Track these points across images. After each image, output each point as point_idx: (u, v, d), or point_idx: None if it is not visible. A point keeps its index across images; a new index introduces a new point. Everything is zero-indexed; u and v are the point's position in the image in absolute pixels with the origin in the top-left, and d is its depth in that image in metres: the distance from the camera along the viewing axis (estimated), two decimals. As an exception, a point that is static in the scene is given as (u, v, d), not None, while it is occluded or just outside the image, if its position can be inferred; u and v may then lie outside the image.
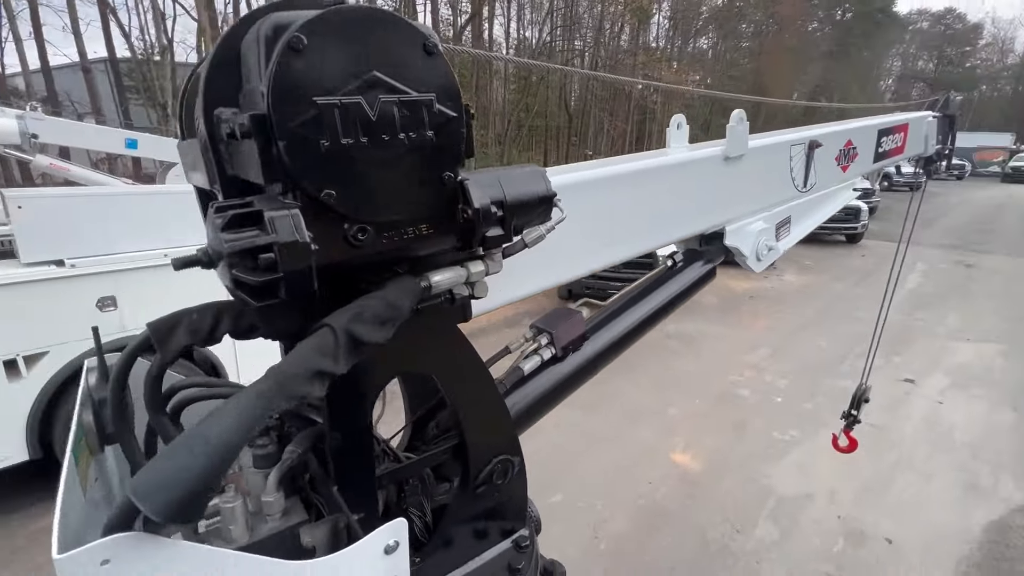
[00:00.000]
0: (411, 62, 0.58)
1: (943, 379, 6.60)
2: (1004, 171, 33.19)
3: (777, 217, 1.70)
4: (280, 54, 0.51)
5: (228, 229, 0.50)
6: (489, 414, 0.90)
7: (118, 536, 0.42)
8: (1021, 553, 3.77)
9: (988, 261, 12.90)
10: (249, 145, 0.53)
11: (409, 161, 0.59)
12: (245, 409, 0.50)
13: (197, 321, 0.66)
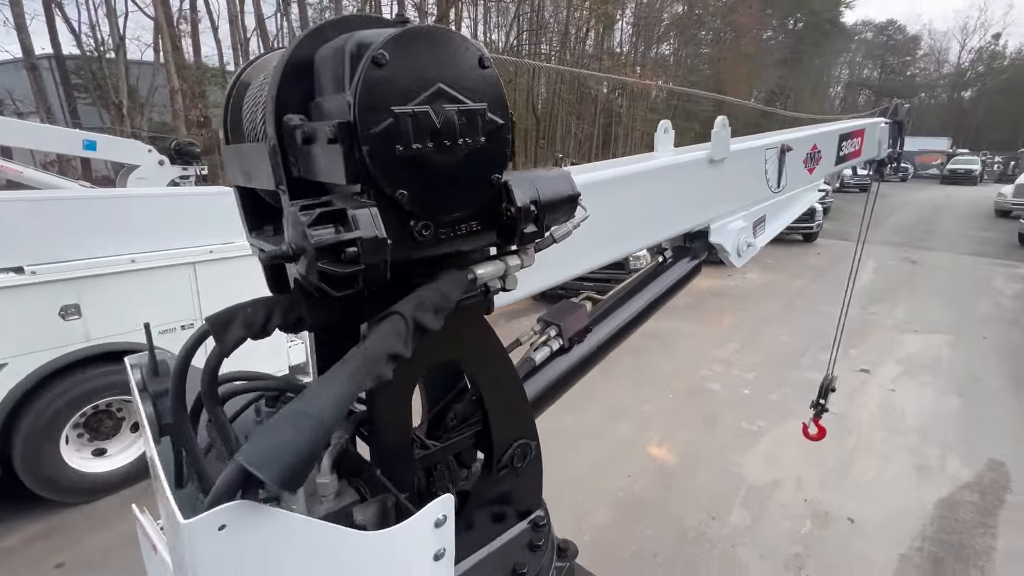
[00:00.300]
0: (468, 75, 0.64)
1: (895, 368, 7.03)
2: (942, 173, 35.44)
3: (754, 216, 1.83)
4: (366, 68, 0.56)
5: (314, 226, 0.54)
6: (511, 400, 0.96)
7: (231, 504, 0.46)
8: (968, 526, 4.08)
9: (931, 258, 13.77)
10: (333, 149, 0.57)
11: (466, 164, 0.65)
12: (341, 387, 0.55)
13: (251, 315, 0.69)
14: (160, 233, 4.33)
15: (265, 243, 0.83)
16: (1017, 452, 5.08)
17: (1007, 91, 56.30)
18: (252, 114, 0.77)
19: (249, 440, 0.50)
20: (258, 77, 0.80)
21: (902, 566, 3.67)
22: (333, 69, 0.62)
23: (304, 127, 0.61)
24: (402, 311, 0.63)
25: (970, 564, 3.69)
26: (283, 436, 0.49)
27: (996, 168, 37.72)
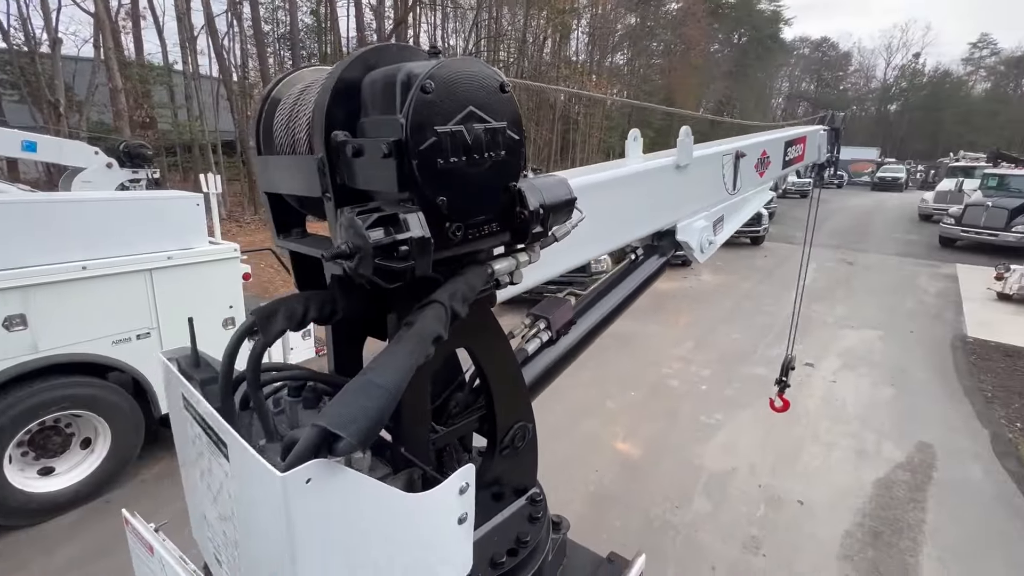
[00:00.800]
0: (493, 98, 0.74)
1: (836, 361, 7.56)
2: (873, 181, 38.17)
3: (714, 216, 2.00)
4: (416, 96, 0.65)
5: (371, 228, 0.63)
6: (512, 385, 1.06)
7: (316, 461, 0.53)
8: (902, 503, 4.48)
9: (864, 259, 14.84)
10: (387, 163, 0.65)
11: (490, 174, 0.75)
12: (403, 361, 0.63)
13: (292, 308, 0.76)
14: (114, 239, 4.15)
15: (293, 244, 0.89)
16: (942, 435, 5.60)
17: (927, 107, 61.38)
18: (287, 128, 0.84)
19: (327, 408, 0.57)
20: (288, 93, 0.87)
21: (846, 541, 3.99)
22: (383, 94, 0.70)
23: (352, 143, 0.69)
24: (441, 300, 0.72)
25: (904, 536, 4.06)
26: (358, 403, 0.57)
27: (919, 176, 40.96)
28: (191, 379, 0.77)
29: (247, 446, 0.57)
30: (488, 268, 0.82)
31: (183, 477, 0.90)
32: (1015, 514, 4.37)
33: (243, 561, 0.66)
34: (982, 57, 63.73)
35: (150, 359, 4.45)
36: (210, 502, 0.75)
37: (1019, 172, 17.41)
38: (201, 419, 0.69)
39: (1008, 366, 7.52)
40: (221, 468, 0.66)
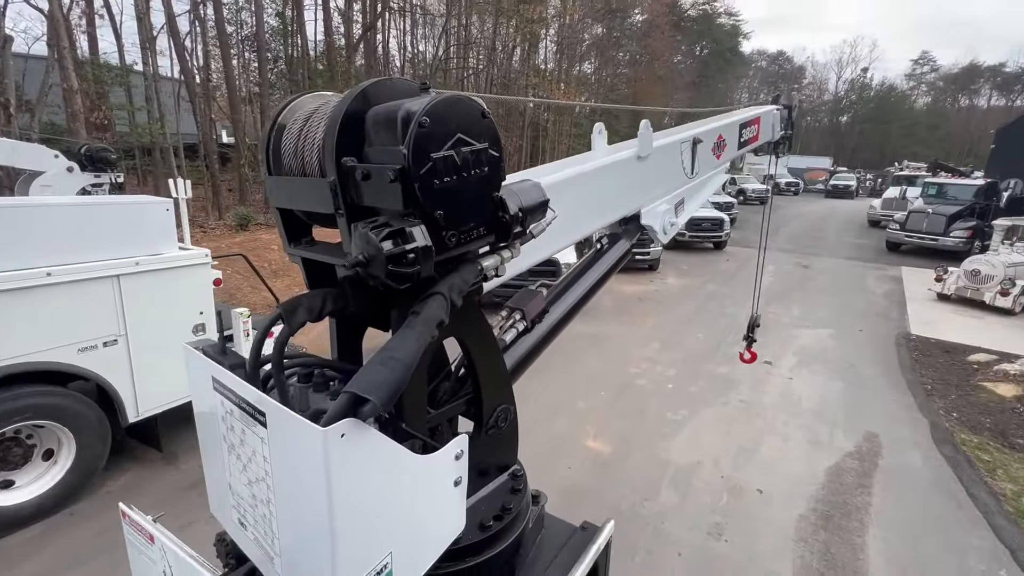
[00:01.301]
0: (475, 124, 0.87)
1: (792, 359, 7.99)
2: (827, 188, 40.13)
3: (675, 199, 2.15)
4: (415, 130, 0.78)
5: (386, 240, 0.75)
6: (496, 370, 1.19)
7: (348, 420, 0.65)
8: (851, 488, 4.81)
9: (818, 262, 15.63)
10: (394, 187, 0.78)
11: (477, 187, 0.88)
12: (416, 340, 0.75)
13: (311, 302, 0.89)
14: (80, 244, 4.07)
15: (304, 252, 1.02)
16: (887, 425, 6.03)
17: (874, 119, 64.98)
18: (296, 153, 0.95)
19: (355, 378, 0.70)
20: (292, 119, 0.98)
21: (800, 524, 4.27)
22: (387, 129, 0.83)
23: (360, 168, 0.82)
24: (442, 291, 0.85)
25: (852, 518, 4.38)
26: (382, 374, 0.69)
27: (868, 184, 43.28)
28: (221, 364, 0.88)
29: (288, 410, 0.69)
30: (478, 265, 0.95)
31: (203, 456, 1.00)
32: (950, 496, 4.77)
33: (278, 511, 0.77)
34: (923, 73, 68.04)
35: (117, 367, 4.38)
36: (239, 471, 0.85)
37: (956, 181, 18.71)
38: (236, 395, 0.80)
39: (946, 361, 8.12)
40: (256, 436, 0.77)
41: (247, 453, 0.81)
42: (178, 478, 4.64)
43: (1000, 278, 10.62)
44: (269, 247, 11.53)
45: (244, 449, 0.82)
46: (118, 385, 4.41)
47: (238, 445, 0.83)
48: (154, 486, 4.54)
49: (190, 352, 0.93)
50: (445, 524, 0.90)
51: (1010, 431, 5.98)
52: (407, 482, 0.79)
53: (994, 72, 63.26)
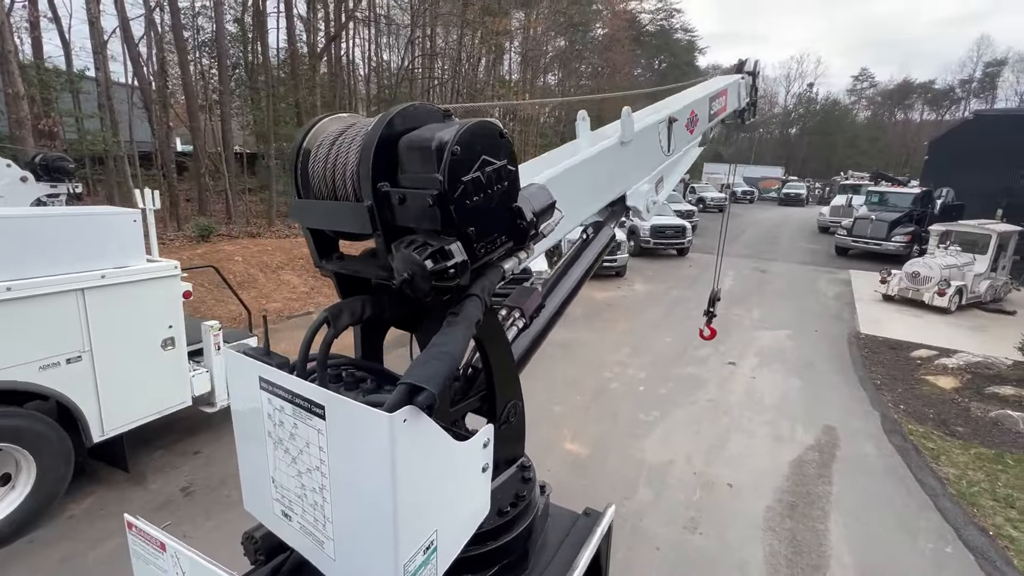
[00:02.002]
0: (496, 145, 0.96)
1: (754, 359, 8.38)
2: (780, 196, 42.15)
3: (655, 178, 2.26)
4: (448, 159, 0.86)
5: (428, 259, 0.84)
6: (507, 368, 1.28)
7: (408, 407, 0.74)
8: (812, 478, 5.10)
9: (774, 267, 16.41)
10: (432, 210, 0.86)
11: (500, 202, 0.98)
12: (462, 336, 0.84)
13: (353, 307, 0.97)
14: (43, 257, 3.92)
15: (336, 267, 1.10)
16: (843, 418, 6.41)
17: (821, 131, 68.74)
18: (324, 177, 1.02)
19: (409, 370, 0.78)
20: (316, 144, 1.05)
21: (768, 515, 4.51)
22: (421, 158, 0.90)
23: (396, 193, 0.90)
24: (477, 293, 0.94)
25: (815, 506, 4.65)
26: (434, 366, 0.78)
27: (817, 192, 45.71)
28: (265, 361, 0.94)
29: (351, 400, 0.77)
30: (500, 268, 1.05)
31: (240, 454, 1.05)
32: (900, 482, 5.13)
33: (333, 497, 0.84)
34: (863, 89, 72.54)
35: (81, 384, 4.21)
36: (286, 464, 0.92)
37: (896, 190, 20.05)
38: (290, 392, 0.87)
39: (892, 357, 8.69)
40: (311, 428, 0.84)
41: (298, 446, 0.88)
42: (147, 499, 4.48)
43: (937, 279, 11.45)
44: (232, 258, 11.22)
45: (294, 442, 0.88)
46: (82, 403, 4.24)
47: (287, 439, 0.90)
48: (121, 508, 4.36)
49: (233, 355, 0.98)
50: (476, 507, 0.99)
51: (950, 420, 6.48)
52: (449, 465, 0.87)
53: (925, 88, 68.12)
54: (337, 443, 0.81)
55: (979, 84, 62.46)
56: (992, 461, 5.55)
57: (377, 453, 0.74)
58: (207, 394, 5.26)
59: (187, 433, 5.50)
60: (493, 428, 1.02)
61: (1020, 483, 5.15)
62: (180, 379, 4.94)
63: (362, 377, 1.07)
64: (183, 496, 4.52)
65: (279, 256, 11.98)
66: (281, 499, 0.96)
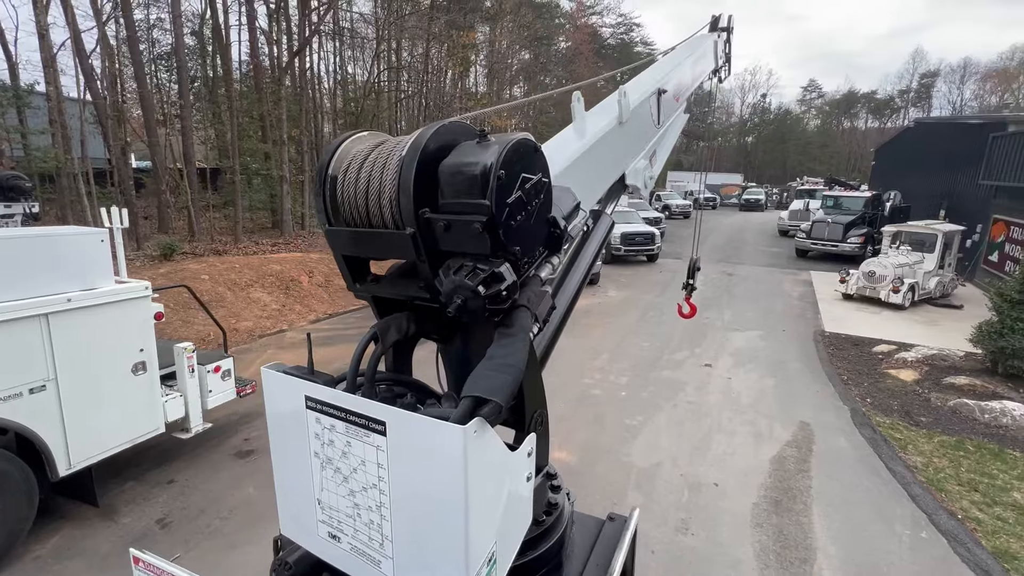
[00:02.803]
0: (530, 160, 0.97)
1: (729, 360, 8.62)
2: (740, 201, 43.75)
3: (648, 153, 2.29)
4: (495, 184, 0.87)
5: (481, 284, 0.85)
6: (533, 377, 1.30)
7: (476, 419, 0.74)
8: (792, 473, 5.27)
9: (740, 270, 16.97)
10: (483, 236, 0.87)
11: (538, 216, 0.99)
12: (522, 347, 0.85)
13: (400, 323, 0.97)
14: (2, 281, 3.70)
15: (373, 290, 1.09)
16: (816, 414, 6.66)
17: (775, 139, 71.96)
18: (356, 203, 1.00)
19: (471, 383, 0.79)
20: (342, 169, 1.03)
21: (755, 511, 4.62)
22: (466, 185, 0.89)
23: (441, 220, 0.90)
24: (526, 304, 0.96)
25: (797, 500, 4.80)
26: (499, 378, 0.79)
27: (775, 197, 47.65)
28: (309, 379, 0.93)
29: (418, 415, 0.77)
30: (539, 277, 1.07)
31: (279, 479, 1.02)
32: (874, 472, 5.35)
33: (394, 514, 0.83)
34: (812, 99, 76.33)
35: (46, 415, 3.97)
36: (336, 484, 0.90)
37: (848, 194, 21.11)
38: (343, 409, 0.86)
39: (856, 353, 9.10)
40: (368, 445, 0.83)
41: (351, 464, 0.87)
42: (120, 534, 4.24)
43: (891, 278, 12.08)
44: (198, 277, 10.82)
45: (347, 461, 0.87)
46: (47, 436, 4.00)
47: (338, 458, 0.89)
48: (92, 545, 4.11)
49: (274, 375, 0.96)
50: (523, 516, 1.00)
51: (914, 411, 6.81)
52: (506, 476, 0.88)
53: (868, 98, 72.24)
54: (400, 459, 0.80)
55: (916, 94, 66.73)
56: (954, 448, 5.86)
57: (449, 466, 0.75)
58: (181, 419, 5.04)
59: (160, 461, 5.24)
60: (535, 437, 1.03)
61: (980, 467, 5.46)
62: (152, 405, 4.72)
63: (400, 392, 1.06)
64: (160, 528, 4.30)
65: (248, 274, 11.62)
66: (328, 520, 0.94)
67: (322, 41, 22.48)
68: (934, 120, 29.94)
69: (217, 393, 5.40)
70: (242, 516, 4.46)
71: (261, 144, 16.91)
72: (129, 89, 18.37)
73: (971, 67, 61.98)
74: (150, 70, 19.28)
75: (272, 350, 8.96)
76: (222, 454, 5.46)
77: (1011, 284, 7.72)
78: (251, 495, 4.75)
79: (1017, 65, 58.19)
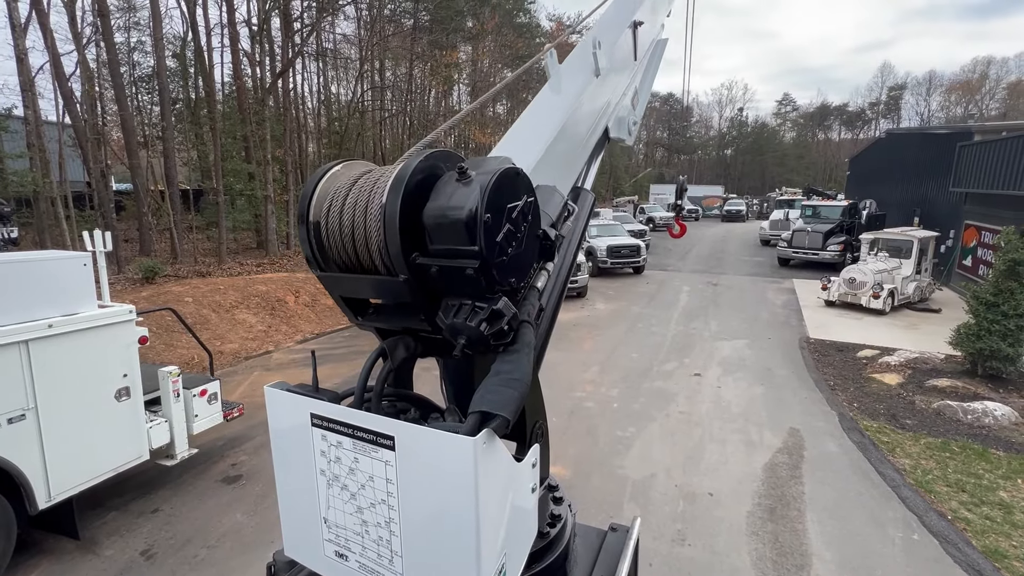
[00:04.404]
0: (516, 186, 0.95)
1: (717, 370, 8.70)
2: (722, 213, 44.57)
3: (629, 94, 2.11)
4: (482, 229, 0.85)
5: (482, 323, 0.86)
6: (533, 388, 1.31)
7: (485, 431, 0.75)
8: (785, 480, 5.31)
9: (725, 280, 17.21)
10: (476, 278, 0.86)
11: (529, 238, 0.99)
12: (527, 362, 0.86)
13: (407, 343, 0.99)
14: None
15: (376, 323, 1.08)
16: (805, 420, 6.73)
17: (753, 151, 73.83)
18: (344, 248, 0.98)
19: (478, 398, 0.79)
20: (323, 214, 1.00)
21: (750, 519, 4.64)
22: (452, 231, 0.87)
23: (433, 265, 0.88)
24: (527, 319, 0.97)
25: (791, 507, 4.83)
26: (506, 393, 0.80)
27: (755, 208, 48.65)
28: (315, 396, 0.93)
29: (428, 428, 0.77)
30: (536, 289, 1.08)
31: (283, 498, 1.01)
32: (863, 475, 5.41)
33: (403, 531, 0.83)
34: (787, 112, 78.60)
35: (25, 446, 3.85)
36: (343, 501, 0.90)
37: (826, 203, 21.66)
38: (350, 425, 0.86)
39: (841, 359, 9.25)
40: (377, 461, 0.83)
41: (359, 480, 0.86)
42: (102, 567, 4.10)
43: (871, 284, 12.36)
44: (182, 299, 10.64)
45: (355, 477, 0.87)
46: (25, 467, 3.87)
47: (345, 475, 0.88)
48: (73, 580, 3.96)
49: (279, 394, 0.96)
50: (528, 528, 1.00)
51: (899, 414, 6.93)
52: (510, 484, 0.89)
53: (840, 111, 74.67)
54: (409, 473, 0.81)
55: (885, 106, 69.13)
56: (940, 449, 5.96)
57: (459, 478, 0.75)
58: (166, 445, 4.92)
59: (143, 490, 5.10)
60: (538, 448, 1.04)
61: (966, 468, 5.56)
62: (136, 432, 4.61)
63: (404, 407, 1.07)
64: (144, 560, 4.16)
65: (232, 295, 11.47)
66: (335, 539, 0.93)
67: (306, 62, 22.62)
68: (904, 131, 31.00)
69: (203, 418, 5.29)
70: (230, 544, 4.34)
71: (245, 164, 16.83)
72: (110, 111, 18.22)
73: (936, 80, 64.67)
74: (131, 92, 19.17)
75: (258, 372, 8.82)
76: (208, 480, 5.32)
77: (985, 287, 7.95)
78: (239, 522, 4.63)
79: (979, 77, 60.80)
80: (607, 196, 52.00)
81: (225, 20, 17.15)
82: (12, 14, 10.78)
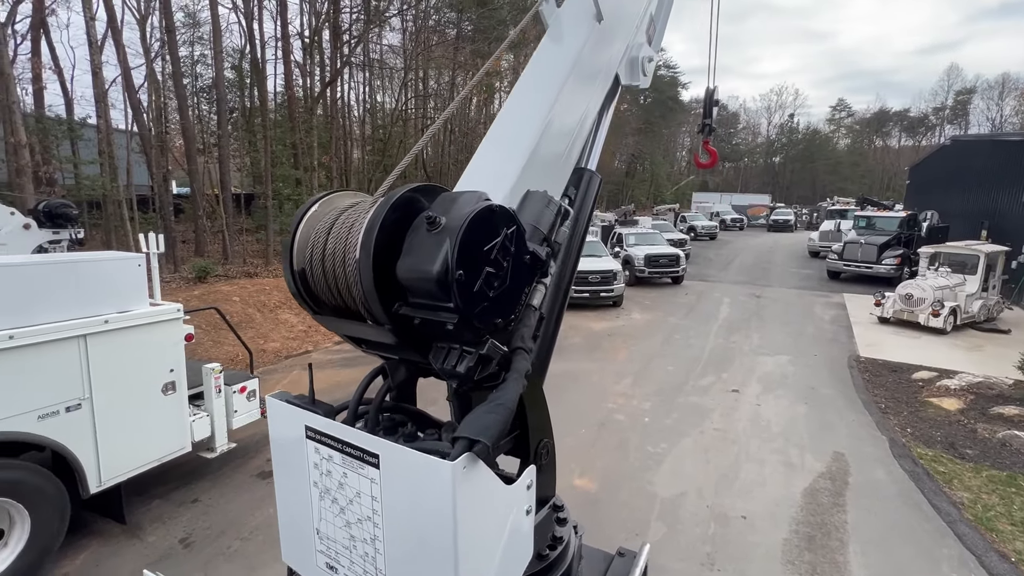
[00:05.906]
0: (492, 223, 0.90)
1: (757, 386, 8.34)
2: (768, 223, 42.95)
3: (644, 27, 1.83)
4: (456, 286, 0.81)
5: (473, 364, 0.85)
6: (539, 404, 1.29)
7: (467, 455, 0.74)
8: (827, 508, 5.01)
9: (769, 292, 16.54)
10: (458, 331, 0.84)
11: (515, 268, 0.95)
12: (515, 390, 0.85)
13: (407, 364, 0.99)
14: (46, 304, 3.90)
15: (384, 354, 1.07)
16: (851, 444, 6.35)
17: (803, 158, 70.93)
18: (333, 293, 0.98)
19: (465, 422, 0.79)
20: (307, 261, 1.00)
21: (786, 547, 4.40)
22: (425, 289, 0.84)
23: (416, 317, 0.87)
24: (521, 346, 0.95)
25: (832, 536, 4.55)
26: (490, 418, 0.79)
27: (804, 218, 46.64)
28: (312, 409, 0.94)
29: (411, 449, 0.77)
30: (532, 308, 1.05)
31: (281, 506, 1.03)
32: (915, 507, 5.04)
33: (387, 548, 0.83)
34: (841, 118, 75.17)
35: (80, 433, 4.12)
36: (333, 515, 0.91)
37: (882, 214, 20.50)
38: (340, 440, 0.87)
39: (894, 380, 8.69)
40: (363, 477, 0.84)
41: (347, 495, 0.87)
42: (145, 552, 4.31)
43: (931, 300, 11.58)
44: (230, 299, 11.18)
45: (344, 492, 0.87)
46: (80, 453, 4.13)
47: (335, 489, 0.89)
48: (118, 563, 4.19)
49: (277, 404, 0.98)
50: (522, 551, 0.98)
51: (958, 443, 6.43)
52: (501, 511, 0.87)
53: (900, 116, 70.72)
54: (392, 492, 0.80)
55: (951, 111, 64.91)
56: (1005, 484, 5.48)
57: (438, 501, 0.74)
58: (207, 439, 5.15)
59: (184, 480, 5.35)
60: (535, 469, 1.02)
61: (1035, 505, 5.09)
62: (180, 424, 4.85)
63: (401, 421, 1.07)
64: (182, 547, 4.36)
65: (276, 295, 11.95)
66: (326, 551, 0.94)
67: (352, 72, 23.43)
68: (972, 137, 29.00)
69: (243, 413, 5.51)
70: (262, 538, 4.49)
71: (293, 170, 17.58)
72: (172, 120, 19.43)
73: (1010, 83, 60.17)
74: (192, 102, 20.38)
75: (298, 371, 9.13)
76: (245, 474, 5.53)
77: (1061, 308, 7.29)
78: (271, 516, 4.79)
79: (1060, 80, 56.19)
80: (647, 204, 51.15)
81: (279, 33, 18.03)
82: (89, 31, 11.71)
